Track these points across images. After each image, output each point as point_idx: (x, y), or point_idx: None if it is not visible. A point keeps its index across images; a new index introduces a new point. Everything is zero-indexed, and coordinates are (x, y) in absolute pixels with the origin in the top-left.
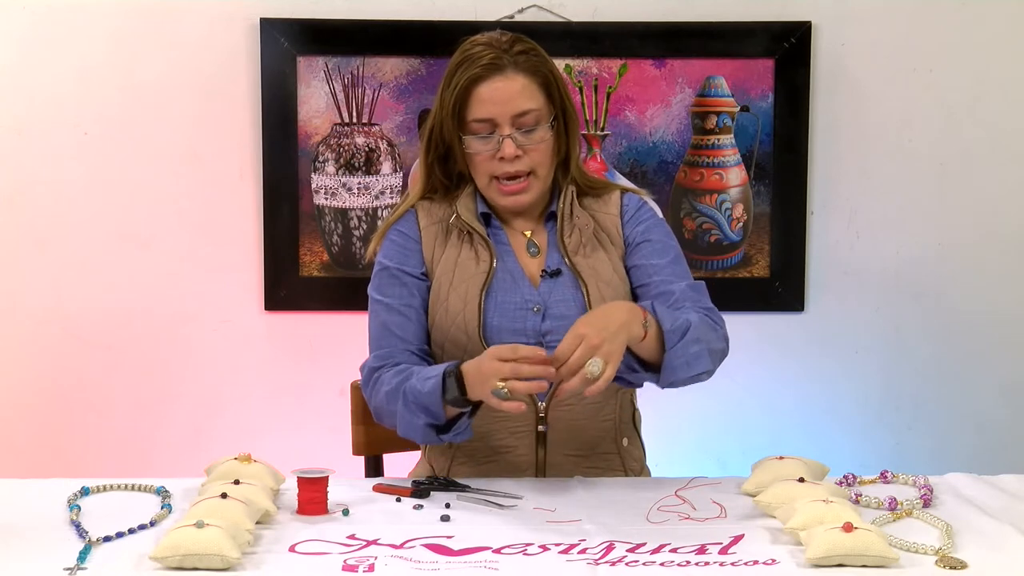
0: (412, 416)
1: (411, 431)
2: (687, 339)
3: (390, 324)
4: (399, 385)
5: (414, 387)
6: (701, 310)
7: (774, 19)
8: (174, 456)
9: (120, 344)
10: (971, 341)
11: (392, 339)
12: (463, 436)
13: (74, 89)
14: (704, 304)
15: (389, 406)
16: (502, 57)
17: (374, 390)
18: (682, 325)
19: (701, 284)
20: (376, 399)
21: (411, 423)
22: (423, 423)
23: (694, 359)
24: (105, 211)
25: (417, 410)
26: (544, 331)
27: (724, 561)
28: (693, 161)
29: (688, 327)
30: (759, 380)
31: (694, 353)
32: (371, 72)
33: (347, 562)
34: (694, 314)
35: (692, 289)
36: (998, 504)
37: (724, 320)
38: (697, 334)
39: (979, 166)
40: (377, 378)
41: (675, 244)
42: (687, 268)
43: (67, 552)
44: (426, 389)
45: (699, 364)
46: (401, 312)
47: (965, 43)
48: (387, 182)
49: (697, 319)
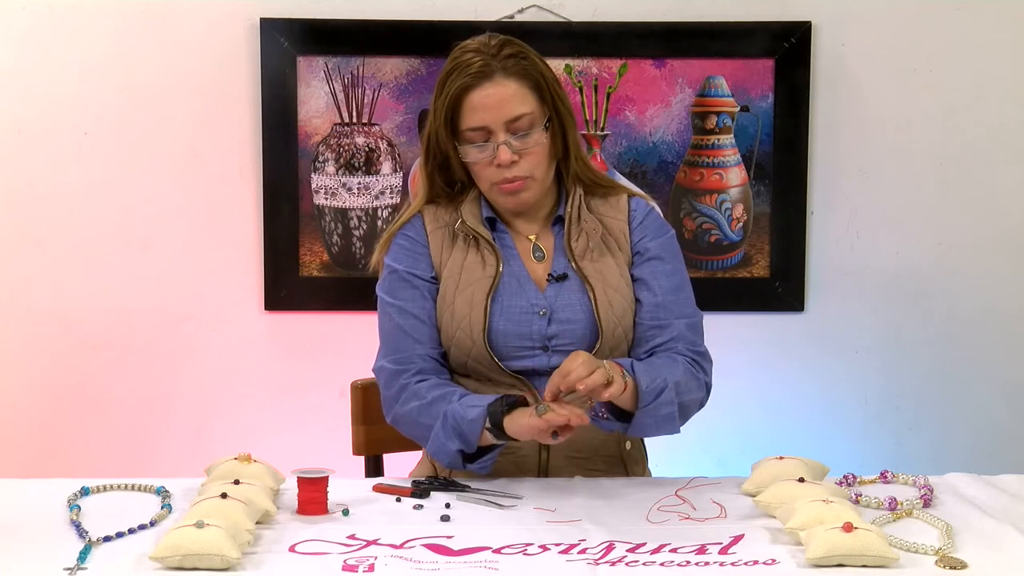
0: (447, 439)
1: (441, 453)
2: (660, 400)
3: (405, 327)
4: (436, 403)
5: (456, 411)
6: (691, 353)
7: (774, 19)
8: (174, 456)
9: (120, 344)
10: (971, 341)
11: (408, 342)
12: (485, 469)
13: (74, 89)
14: (697, 347)
15: (420, 418)
16: (491, 63)
17: (401, 397)
18: (658, 386)
19: (699, 321)
20: (403, 407)
21: (444, 445)
22: (455, 448)
23: (664, 421)
24: (105, 211)
25: (454, 435)
26: (550, 335)
27: (724, 561)
28: (693, 161)
29: (663, 388)
30: (759, 380)
31: (664, 415)
32: (371, 72)
33: (347, 562)
34: (679, 367)
35: (690, 329)
36: (998, 504)
37: (712, 362)
38: (672, 395)
39: (979, 166)
40: (404, 385)
41: (682, 266)
42: (691, 294)
43: (67, 552)
44: (470, 416)
45: (667, 426)
46: (415, 315)
47: (965, 43)
48: (387, 182)
49: (680, 374)
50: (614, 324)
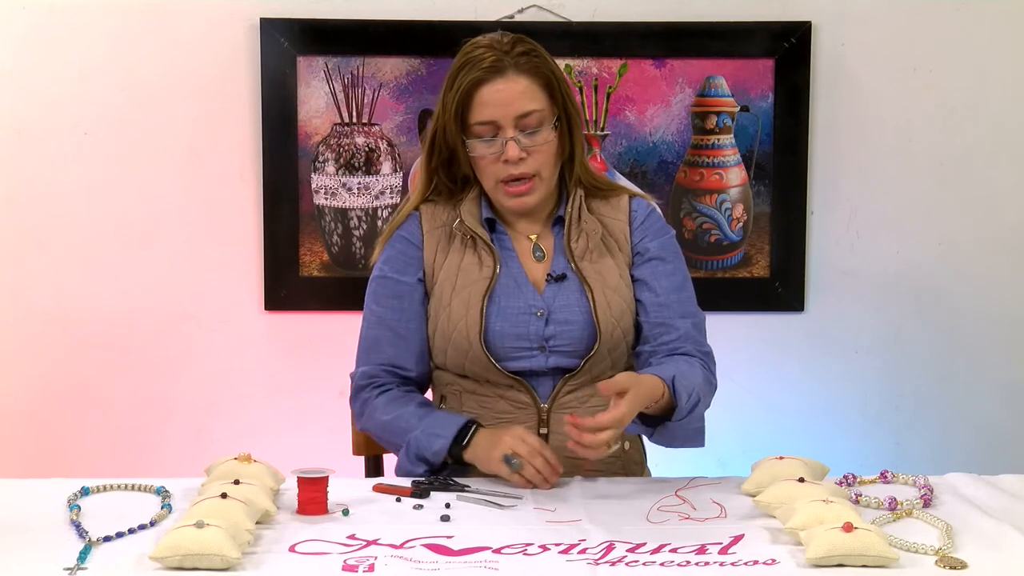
0: (412, 466)
1: (405, 472)
2: (693, 415)
3: (380, 339)
4: (396, 423)
5: (419, 440)
6: (699, 354)
7: (774, 19)
8: (174, 456)
9: (120, 344)
10: (971, 341)
11: (376, 354)
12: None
13: (74, 89)
14: (703, 346)
15: (386, 437)
16: (503, 59)
17: (366, 411)
18: (693, 401)
19: (702, 320)
20: (368, 422)
21: (409, 470)
22: (421, 470)
23: (693, 435)
24: (105, 211)
25: (418, 461)
26: (547, 336)
27: (724, 561)
28: (693, 161)
29: (697, 402)
30: (759, 380)
31: (695, 429)
32: (371, 72)
33: (347, 562)
34: (699, 375)
35: (695, 329)
36: (998, 504)
37: (715, 362)
38: (702, 410)
39: (979, 166)
40: (366, 399)
41: (684, 266)
42: (692, 294)
43: (67, 552)
44: (433, 448)
45: (695, 440)
46: (392, 328)
47: (965, 43)
48: (387, 182)
49: (701, 383)
50: (612, 325)
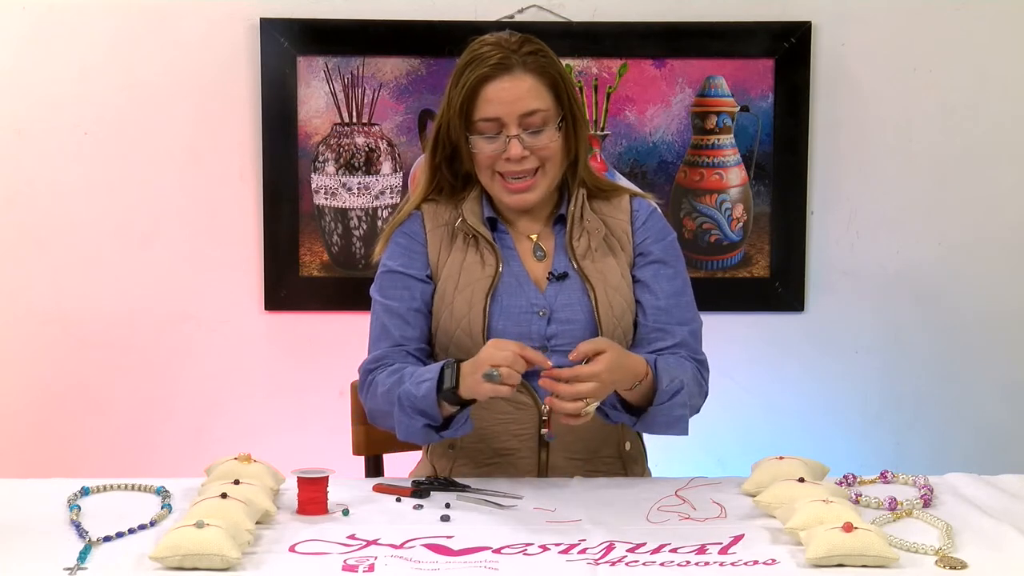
0: (410, 420)
1: (411, 434)
2: (675, 401)
3: (389, 326)
4: (392, 388)
5: (408, 391)
6: (694, 361)
7: (774, 19)
8: (174, 456)
9: (120, 344)
10: (971, 341)
11: (389, 341)
12: (464, 430)
13: (74, 89)
14: (698, 355)
15: (385, 407)
16: (510, 57)
17: (369, 392)
18: (675, 387)
19: (699, 327)
20: (372, 402)
21: (410, 426)
22: (421, 425)
23: (675, 422)
24: (105, 211)
25: (414, 413)
26: (549, 335)
27: (724, 561)
28: (693, 161)
29: (680, 389)
30: (759, 380)
31: (677, 416)
32: (371, 72)
33: (347, 562)
34: (689, 371)
35: (692, 336)
36: (998, 504)
37: (709, 370)
38: (685, 398)
39: (979, 166)
40: (371, 380)
41: (684, 270)
42: (692, 299)
43: (67, 552)
44: (421, 393)
45: (677, 427)
46: (401, 315)
47: (965, 43)
48: (387, 182)
49: (690, 378)
50: (614, 324)
